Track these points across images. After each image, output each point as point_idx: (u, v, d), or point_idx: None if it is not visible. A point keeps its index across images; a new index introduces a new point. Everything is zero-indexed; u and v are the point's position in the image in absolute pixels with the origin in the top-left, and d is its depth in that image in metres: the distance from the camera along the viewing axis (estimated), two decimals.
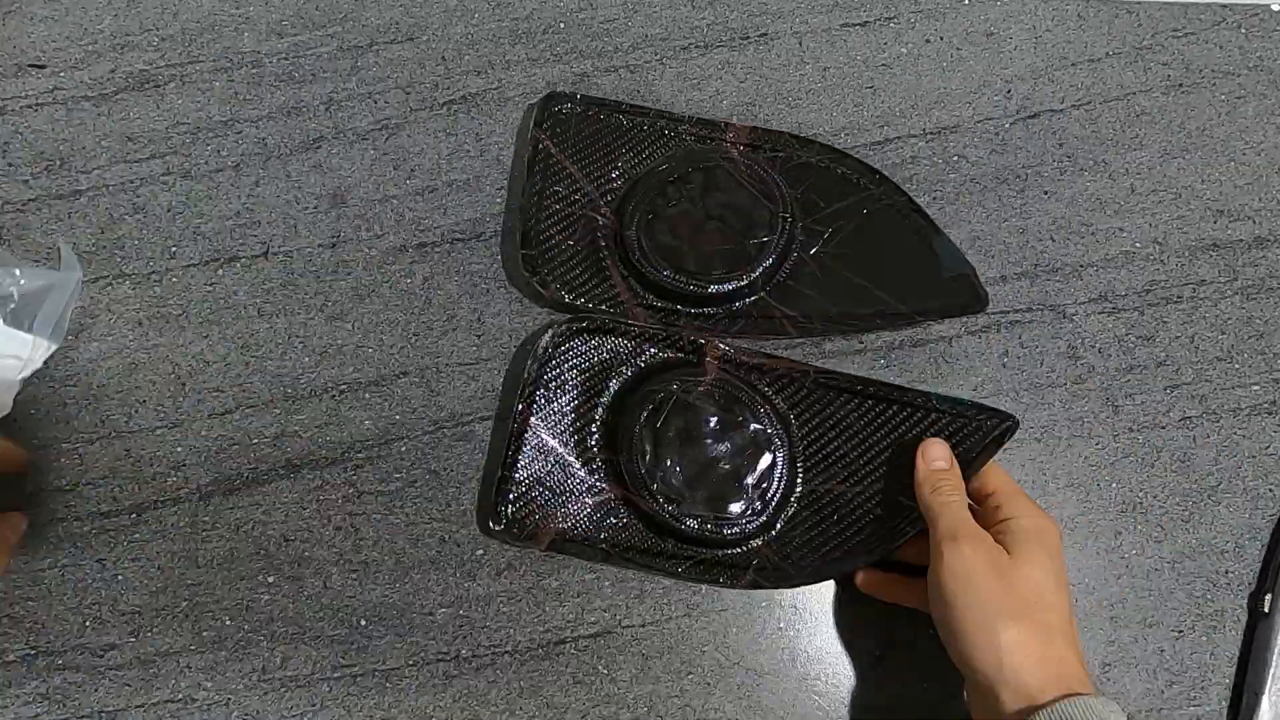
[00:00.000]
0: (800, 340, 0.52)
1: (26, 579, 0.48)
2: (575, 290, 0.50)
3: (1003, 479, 0.47)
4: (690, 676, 0.48)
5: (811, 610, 0.49)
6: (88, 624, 0.47)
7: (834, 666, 0.48)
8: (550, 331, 0.49)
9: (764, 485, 0.48)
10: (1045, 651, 0.40)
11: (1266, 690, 0.48)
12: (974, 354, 0.52)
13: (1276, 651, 0.48)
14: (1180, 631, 0.50)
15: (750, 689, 0.48)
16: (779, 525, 0.48)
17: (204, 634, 0.47)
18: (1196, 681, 0.49)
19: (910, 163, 0.55)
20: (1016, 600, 0.41)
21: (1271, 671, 0.48)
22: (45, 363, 0.50)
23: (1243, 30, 0.58)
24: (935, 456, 0.46)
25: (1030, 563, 0.42)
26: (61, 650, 0.47)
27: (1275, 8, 0.59)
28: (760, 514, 0.47)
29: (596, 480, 0.49)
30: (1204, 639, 0.50)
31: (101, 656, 0.47)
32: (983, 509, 0.46)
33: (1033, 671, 0.39)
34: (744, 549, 0.48)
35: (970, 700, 0.43)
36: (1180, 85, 0.57)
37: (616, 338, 0.50)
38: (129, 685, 0.47)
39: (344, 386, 0.51)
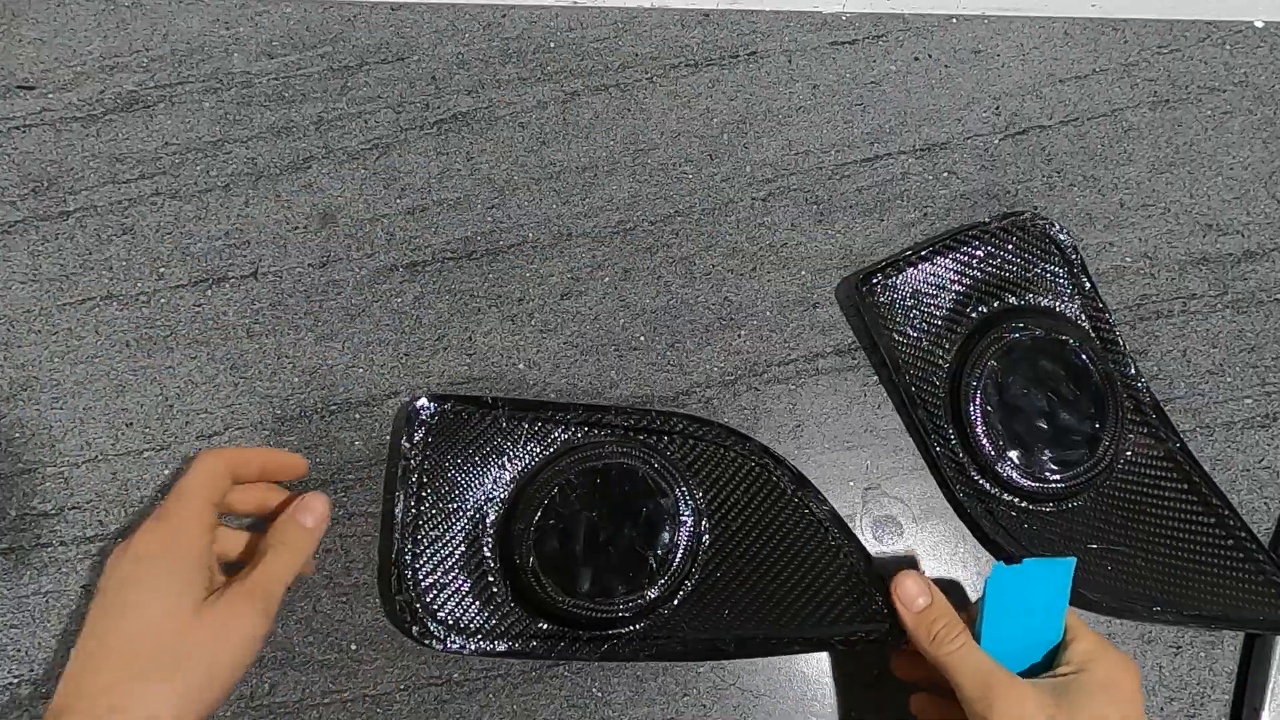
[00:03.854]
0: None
1: (10, 606, 0.47)
2: (464, 631, 0.45)
3: (1080, 627, 0.41)
4: (686, 699, 0.47)
5: None
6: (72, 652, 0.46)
7: (830, 687, 0.48)
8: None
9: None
10: None
11: (1266, 706, 0.48)
12: None
13: (1275, 667, 0.48)
14: (1178, 648, 0.50)
15: (746, 711, 0.47)
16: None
17: None
18: (1196, 698, 0.49)
19: (900, 179, 0.55)
20: None
21: (1271, 687, 0.48)
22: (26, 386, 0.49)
23: (1227, 47, 0.59)
24: (911, 595, 0.40)
25: (1088, 717, 0.36)
26: (45, 679, 0.46)
27: (1259, 25, 0.60)
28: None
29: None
30: (1202, 655, 0.50)
31: None
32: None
33: None
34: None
35: None
36: (1167, 101, 0.58)
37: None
38: None
39: (334, 407, 0.50)
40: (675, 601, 0.46)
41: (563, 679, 0.47)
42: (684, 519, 0.46)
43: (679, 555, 0.46)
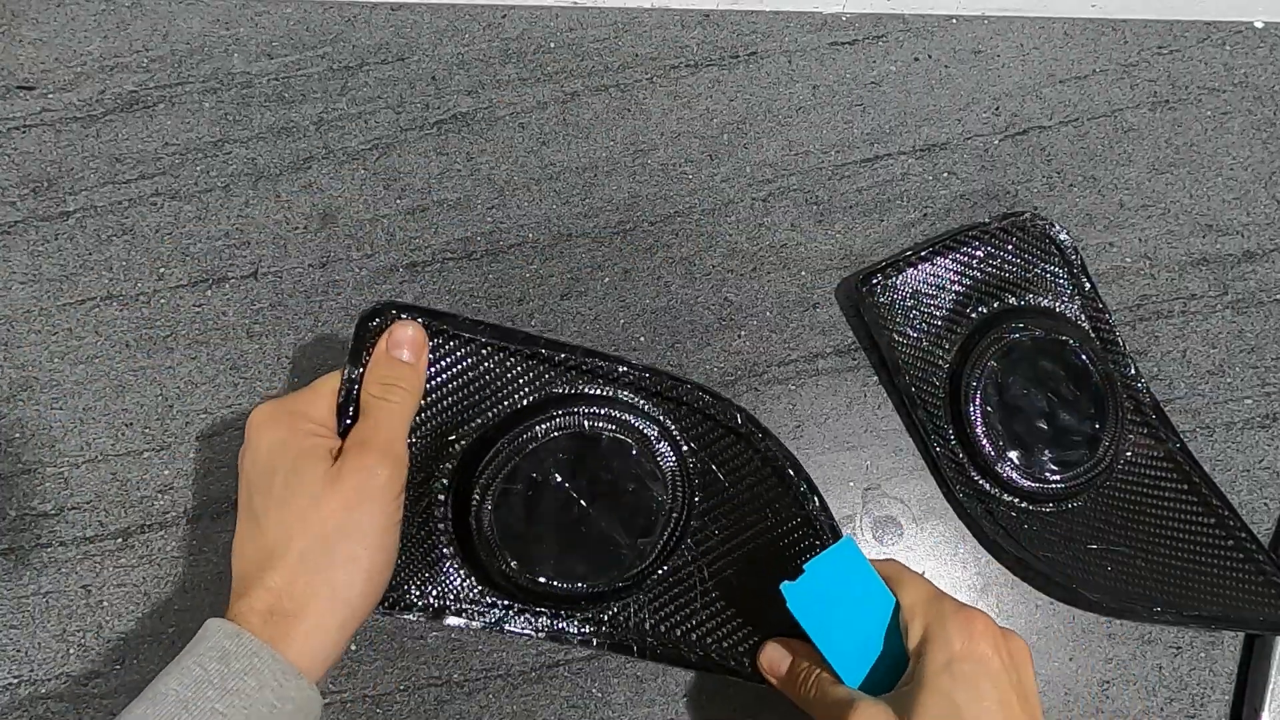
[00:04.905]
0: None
1: (10, 606, 0.47)
2: (400, 587, 0.41)
3: (911, 592, 0.39)
4: (685, 699, 0.47)
5: None
6: (71, 652, 0.46)
7: None
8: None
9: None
10: None
11: (1266, 707, 0.48)
12: None
13: (1276, 668, 0.48)
14: (1178, 648, 0.50)
15: (748, 712, 0.47)
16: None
17: None
18: (1195, 698, 0.49)
19: (901, 179, 0.55)
20: None
21: (1271, 688, 0.48)
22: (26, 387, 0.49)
23: (1227, 47, 0.59)
24: (774, 661, 0.41)
25: (946, 710, 0.34)
26: (45, 679, 0.46)
27: (1259, 25, 0.60)
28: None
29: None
30: (1202, 655, 0.50)
31: (86, 685, 0.46)
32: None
33: None
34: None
35: None
36: (1167, 102, 0.58)
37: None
38: (114, 714, 0.46)
39: None
40: (639, 596, 0.43)
41: (563, 679, 0.47)
42: (672, 513, 0.42)
43: (655, 552, 0.41)
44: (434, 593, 0.42)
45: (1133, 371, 0.51)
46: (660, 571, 0.43)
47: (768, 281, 0.53)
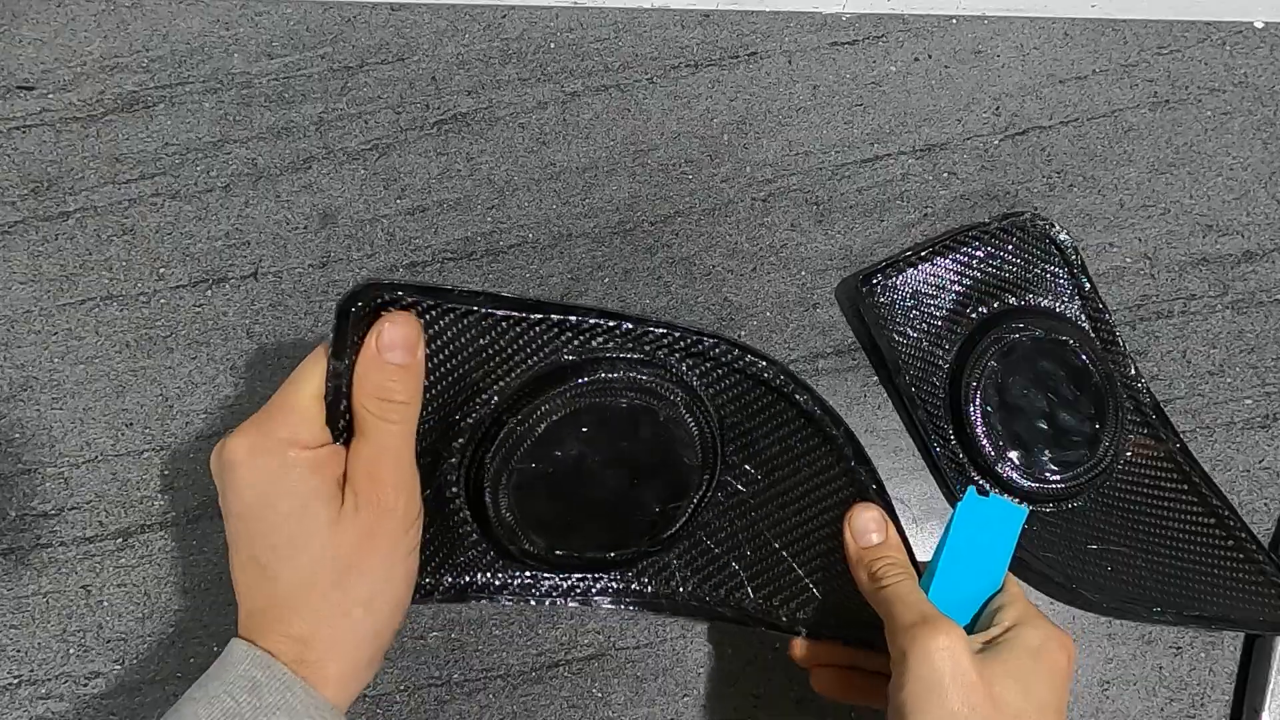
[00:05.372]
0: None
1: (10, 606, 0.47)
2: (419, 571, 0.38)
3: (1017, 587, 0.40)
4: (685, 699, 0.48)
5: None
6: (72, 651, 0.46)
7: None
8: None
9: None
10: None
11: (1266, 707, 0.48)
12: None
13: (1276, 668, 0.48)
14: (1179, 648, 0.50)
15: (747, 712, 0.48)
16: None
17: (191, 660, 0.47)
18: (1196, 698, 0.49)
19: (901, 179, 0.55)
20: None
21: (1271, 688, 0.48)
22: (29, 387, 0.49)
23: (1227, 47, 0.59)
24: (865, 529, 0.39)
25: (1015, 680, 0.34)
26: (45, 679, 0.46)
27: (1259, 25, 0.60)
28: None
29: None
30: (1202, 655, 0.50)
31: (86, 685, 0.46)
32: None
33: None
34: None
35: None
36: (1167, 102, 0.58)
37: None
38: (114, 714, 0.46)
39: None
40: (670, 556, 0.41)
41: (563, 679, 0.47)
42: (703, 475, 0.39)
43: (686, 515, 0.39)
44: (454, 573, 0.40)
45: (1133, 371, 0.51)
46: (691, 530, 0.42)
47: (768, 281, 0.53)
